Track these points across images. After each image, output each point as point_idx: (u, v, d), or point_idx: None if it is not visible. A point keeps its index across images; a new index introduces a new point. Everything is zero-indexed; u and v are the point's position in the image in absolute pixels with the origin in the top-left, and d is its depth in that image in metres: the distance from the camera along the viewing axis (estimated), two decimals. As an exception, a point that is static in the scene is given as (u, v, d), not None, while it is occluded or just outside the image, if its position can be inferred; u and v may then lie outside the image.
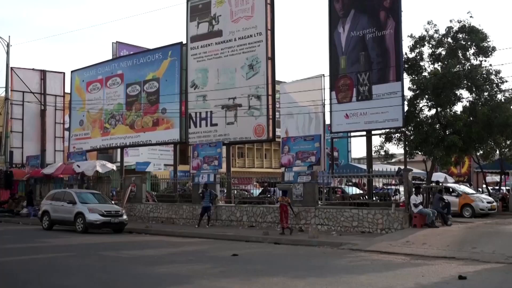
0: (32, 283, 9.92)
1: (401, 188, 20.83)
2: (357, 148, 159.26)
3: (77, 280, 10.23)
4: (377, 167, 24.00)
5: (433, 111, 21.95)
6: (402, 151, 22.82)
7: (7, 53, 35.73)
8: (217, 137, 25.16)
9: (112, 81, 31.72)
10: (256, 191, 28.30)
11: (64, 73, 39.52)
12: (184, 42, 27.49)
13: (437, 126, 21.78)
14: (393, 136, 22.77)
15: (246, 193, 28.43)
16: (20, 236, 20.13)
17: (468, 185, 30.96)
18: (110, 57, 39.77)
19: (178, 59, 27.91)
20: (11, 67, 36.46)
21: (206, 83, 26.10)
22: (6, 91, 35.87)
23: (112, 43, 45.30)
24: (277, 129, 25.27)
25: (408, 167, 20.66)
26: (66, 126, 38.37)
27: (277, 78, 25.41)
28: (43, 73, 38.80)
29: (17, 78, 37.03)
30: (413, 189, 18.41)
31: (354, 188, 25.81)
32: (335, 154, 33.47)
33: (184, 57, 27.33)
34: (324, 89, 23.57)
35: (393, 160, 26.92)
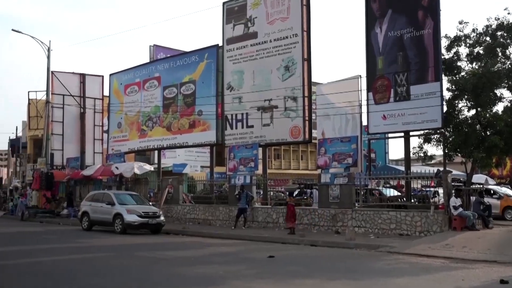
0: (71, 282, 10.08)
1: (440, 190, 20.45)
2: (395, 149, 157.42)
3: (115, 280, 10.35)
4: (416, 168, 23.62)
5: (473, 111, 21.46)
6: (441, 152, 22.39)
7: (48, 57, 36.53)
8: (253, 139, 25.18)
9: (150, 84, 32.09)
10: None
11: (102, 76, 40.20)
12: (220, 44, 27.62)
13: (477, 127, 21.27)
14: (432, 137, 22.34)
15: (283, 194, 28.37)
16: (60, 237, 20.52)
17: (510, 187, 30.18)
18: (148, 60, 40.26)
19: (214, 61, 28.07)
20: (51, 71, 37.26)
21: (242, 85, 26.15)
22: (47, 94, 36.69)
23: (150, 46, 45.85)
24: (313, 131, 25.17)
25: (447, 168, 20.26)
26: (105, 128, 39.02)
27: (313, 79, 25.28)
28: (83, 76, 39.52)
29: (57, 82, 37.83)
30: (453, 191, 18.05)
31: (392, 190, 25.46)
32: (372, 155, 33.08)
33: (220, 59, 27.46)
34: (361, 90, 23.37)
35: (432, 162, 26.42)
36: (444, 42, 21.80)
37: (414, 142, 62.72)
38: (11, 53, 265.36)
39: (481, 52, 21.43)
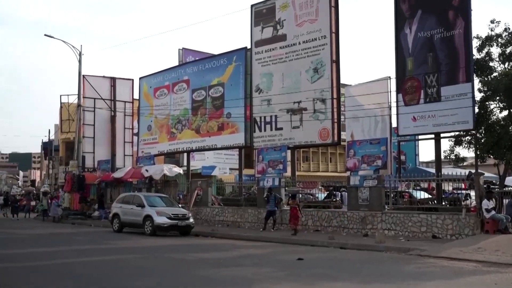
0: (102, 283, 10.20)
1: (472, 193, 20.11)
2: (426, 151, 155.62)
3: (145, 281, 10.44)
4: (447, 171, 23.27)
5: (505, 112, 21.07)
6: (473, 154, 22.04)
7: (79, 61, 37.10)
8: (282, 141, 25.17)
9: (179, 87, 32.34)
10: (321, 195, 28.07)
11: (132, 79, 40.63)
12: (249, 47, 27.68)
13: (510, 128, 20.88)
14: (464, 139, 22.01)
15: (311, 197, 28.26)
16: (91, 238, 20.79)
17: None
18: (177, 64, 40.56)
19: (242, 64, 28.15)
20: (83, 75, 37.83)
21: (271, 87, 26.16)
22: (79, 98, 37.25)
23: (178, 49, 46.21)
24: (342, 133, 25.02)
25: (479, 171, 19.92)
26: (135, 131, 39.42)
27: (342, 81, 25.19)
28: (113, 80, 40.03)
29: (88, 86, 38.38)
30: (485, 194, 17.75)
31: (422, 192, 25.15)
32: (402, 157, 32.70)
33: (249, 62, 27.53)
34: (390, 91, 23.15)
35: (463, 164, 26.00)
36: (475, 42, 21.47)
37: (445, 144, 61.76)
38: (44, 58, 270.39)
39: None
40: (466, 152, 23.60)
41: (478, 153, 21.04)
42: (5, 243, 18.63)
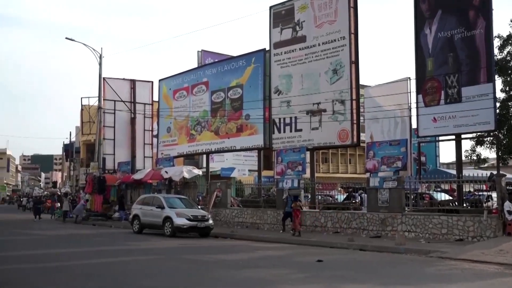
0: (122, 283, 10.28)
1: (494, 195, 19.88)
2: (446, 152, 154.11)
3: (164, 282, 10.50)
4: (468, 172, 23.02)
5: (528, 113, 20.85)
6: (494, 155, 21.81)
7: (100, 64, 37.46)
8: (301, 143, 25.12)
9: (198, 88, 32.45)
10: (341, 197, 27.97)
11: (152, 82, 40.93)
12: (267, 48, 27.68)
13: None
14: (485, 140, 21.79)
15: (331, 198, 28.18)
16: (112, 239, 20.94)
17: None
18: (196, 65, 40.72)
19: (261, 65, 28.16)
20: (103, 77, 38.18)
21: (290, 89, 26.14)
22: (99, 100, 37.62)
23: (197, 51, 46.35)
24: (361, 134, 24.90)
25: (501, 172, 19.69)
26: (155, 133, 39.64)
27: (361, 82, 25.07)
28: (133, 82, 40.33)
29: (109, 88, 38.73)
30: (507, 195, 17.52)
31: (443, 194, 24.94)
32: (423, 159, 32.41)
33: (268, 64, 27.53)
34: (410, 92, 22.96)
35: (485, 165, 25.74)
36: (496, 42, 21.29)
37: (466, 145, 61.17)
38: (65, 60, 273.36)
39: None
40: (488, 153, 23.33)
41: (499, 154, 20.83)
42: (28, 243, 18.85)
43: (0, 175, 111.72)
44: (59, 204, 40.68)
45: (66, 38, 37.03)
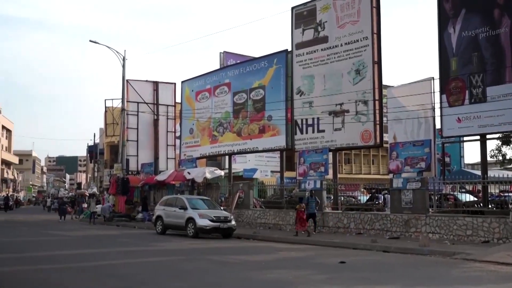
0: (146, 284, 10.34)
1: (520, 195, 19.61)
2: (471, 153, 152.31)
3: (187, 283, 10.54)
4: (493, 173, 22.75)
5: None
6: (520, 156, 21.49)
7: (123, 66, 37.79)
8: (323, 143, 25.03)
9: (220, 90, 32.54)
10: (364, 198, 27.81)
11: (175, 83, 41.16)
12: (289, 49, 27.65)
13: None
14: (511, 140, 21.47)
15: (353, 199, 28.04)
16: (136, 240, 21.10)
17: None
18: (218, 67, 40.87)
19: (283, 66, 28.13)
20: (126, 80, 38.52)
21: (312, 90, 26.07)
22: (123, 102, 37.96)
23: (220, 53, 46.51)
24: (384, 135, 24.73)
25: (527, 173, 19.42)
26: (177, 134, 39.90)
27: (384, 83, 24.91)
28: (156, 84, 40.62)
29: (132, 90, 39.08)
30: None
31: (467, 195, 24.66)
32: (447, 159, 32.14)
33: (290, 64, 27.49)
34: (434, 92, 22.73)
35: (511, 166, 25.39)
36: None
37: (491, 145, 60.36)
38: (89, 63, 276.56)
39: None
40: (514, 154, 22.99)
41: (526, 154, 20.49)
42: (52, 244, 19.09)
43: (26, 176, 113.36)
44: (86, 205, 41.24)
45: (90, 41, 37.41)
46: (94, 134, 69.17)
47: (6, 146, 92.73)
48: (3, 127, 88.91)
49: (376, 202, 24.68)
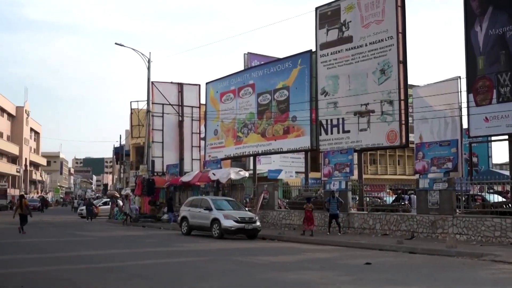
0: (171, 284, 10.40)
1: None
2: (499, 153, 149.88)
3: (212, 283, 10.57)
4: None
5: None
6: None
7: (148, 68, 38.12)
8: (349, 144, 24.90)
9: (244, 91, 32.60)
10: (389, 199, 27.57)
11: (199, 85, 41.38)
12: (313, 49, 27.57)
13: None
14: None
15: (379, 200, 27.81)
16: (161, 241, 21.25)
17: None
18: (242, 68, 40.95)
19: (307, 67, 28.07)
20: (151, 81, 38.84)
21: (337, 90, 25.95)
22: (148, 104, 38.28)
23: (244, 54, 46.61)
24: (410, 135, 24.52)
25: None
26: (202, 135, 40.07)
27: (409, 82, 24.68)
28: (180, 85, 40.87)
29: (157, 92, 39.38)
30: None
31: (496, 195, 24.28)
32: (474, 159, 31.72)
33: (314, 65, 27.42)
34: (460, 91, 22.44)
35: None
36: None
37: (520, 145, 59.22)
38: (114, 65, 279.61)
39: None
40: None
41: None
42: (80, 244, 19.31)
43: (54, 178, 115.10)
44: (122, 204, 41.82)
45: (116, 43, 37.88)
46: (120, 135, 69.89)
47: (34, 148, 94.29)
48: (32, 129, 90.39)
49: (402, 203, 24.45)
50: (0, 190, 64.22)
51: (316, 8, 27.32)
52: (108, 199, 46.51)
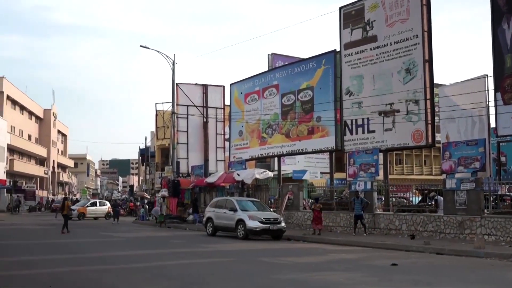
0: (197, 284, 10.43)
1: None
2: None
3: (237, 284, 10.59)
4: (552, 172, 21.95)
5: None
6: None
7: (173, 70, 38.31)
8: (374, 144, 24.72)
9: (268, 91, 32.59)
10: (416, 199, 27.28)
11: (223, 86, 41.47)
12: (338, 49, 27.44)
13: None
14: None
15: (405, 201, 27.55)
16: (186, 242, 21.34)
17: None
18: (266, 69, 40.95)
19: (331, 67, 27.94)
20: (176, 83, 39.04)
21: (362, 90, 25.77)
22: (173, 105, 38.49)
23: (268, 55, 46.56)
24: (436, 134, 24.21)
25: None
26: (227, 136, 40.15)
27: (435, 81, 24.36)
28: (205, 87, 41.04)
29: (181, 93, 39.60)
30: None
31: (525, 195, 23.85)
32: (503, 159, 31.12)
33: (338, 65, 27.27)
34: (488, 90, 22.10)
35: None
36: None
37: (550, 144, 58.20)
38: (140, 67, 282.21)
39: None
40: None
41: None
42: (106, 245, 19.50)
43: (81, 179, 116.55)
44: (146, 207, 42.27)
45: (141, 46, 38.06)
46: (146, 137, 70.55)
47: (61, 150, 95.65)
48: (59, 131, 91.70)
49: (429, 204, 24.17)
50: (29, 192, 65.20)
51: (340, 8, 27.18)
52: (96, 200, 47.16)
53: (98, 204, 46.12)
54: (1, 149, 54.89)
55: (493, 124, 23.53)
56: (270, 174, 31.20)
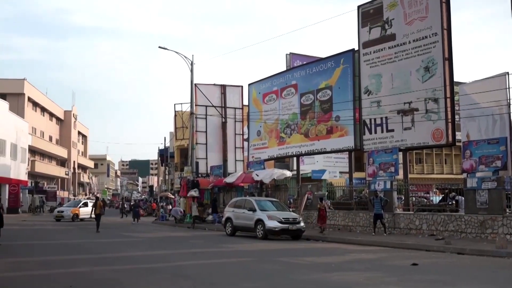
0: (217, 285, 10.45)
1: None
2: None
3: (256, 284, 10.59)
4: None
5: None
6: None
7: (191, 71, 38.45)
8: (393, 143, 24.56)
9: (287, 91, 32.54)
10: (436, 198, 27.04)
11: (242, 86, 41.55)
12: (356, 48, 27.31)
13: None
14: None
15: (425, 200, 27.32)
16: (206, 241, 21.40)
17: None
18: (284, 69, 40.86)
19: (350, 66, 27.82)
20: (194, 84, 39.18)
21: (380, 89, 25.62)
22: (191, 106, 38.64)
23: (286, 54, 46.45)
24: (457, 133, 23.97)
25: None
26: (245, 136, 40.21)
27: (455, 79, 24.11)
28: (223, 87, 41.14)
29: (200, 94, 39.73)
30: None
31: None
32: (525, 157, 30.78)
33: (357, 64, 27.14)
34: (509, 88, 21.81)
35: None
36: None
37: None
38: (158, 68, 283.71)
39: None
40: None
41: None
42: (126, 245, 19.62)
43: (101, 180, 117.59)
44: (170, 207, 42.44)
45: (159, 47, 38.29)
46: (165, 138, 70.77)
47: (82, 151, 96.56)
48: (79, 133, 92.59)
49: (450, 203, 23.95)
50: (50, 193, 65.96)
51: (358, 7, 27.05)
52: (87, 200, 46.84)
53: (89, 204, 44.84)
54: (23, 150, 55.56)
55: (514, 123, 23.22)
56: (289, 174, 31.14)
